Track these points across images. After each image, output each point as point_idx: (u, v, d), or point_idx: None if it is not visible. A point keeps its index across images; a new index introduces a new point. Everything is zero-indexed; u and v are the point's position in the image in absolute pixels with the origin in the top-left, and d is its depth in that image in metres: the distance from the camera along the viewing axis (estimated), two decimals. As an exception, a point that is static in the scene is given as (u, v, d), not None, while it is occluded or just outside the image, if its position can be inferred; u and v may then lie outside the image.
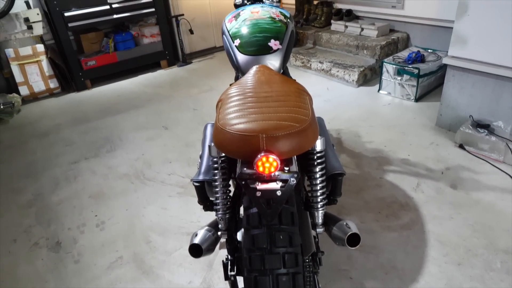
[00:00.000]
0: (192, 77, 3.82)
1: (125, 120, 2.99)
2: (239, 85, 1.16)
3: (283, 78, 1.19)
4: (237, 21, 1.55)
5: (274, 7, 1.64)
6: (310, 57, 3.55)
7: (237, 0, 1.83)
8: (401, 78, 2.84)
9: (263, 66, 1.33)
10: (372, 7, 3.55)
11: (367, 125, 2.57)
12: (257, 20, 1.51)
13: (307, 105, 1.00)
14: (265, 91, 1.07)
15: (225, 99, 1.08)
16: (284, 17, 1.59)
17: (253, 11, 1.59)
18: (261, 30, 1.47)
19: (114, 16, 3.62)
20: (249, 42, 1.44)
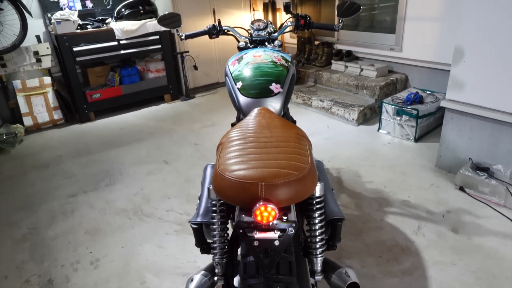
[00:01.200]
0: (194, 111, 3.88)
1: (126, 153, 3.00)
2: (240, 128, 1.18)
3: (283, 122, 1.21)
4: (240, 64, 1.60)
5: (276, 52, 1.69)
6: (311, 95, 3.62)
7: (240, 43, 1.88)
8: (400, 119, 2.87)
9: (264, 109, 1.36)
10: (371, 49, 3.66)
11: (367, 164, 2.57)
12: (259, 64, 1.56)
13: (307, 151, 1.01)
14: (265, 136, 1.08)
15: (226, 143, 1.09)
16: (286, 61, 1.63)
17: (255, 55, 1.64)
18: (263, 73, 1.51)
19: (122, 51, 3.74)
20: (251, 85, 1.48)
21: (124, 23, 3.70)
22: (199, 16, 4.19)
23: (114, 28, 3.63)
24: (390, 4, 3.48)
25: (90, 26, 3.64)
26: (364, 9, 3.84)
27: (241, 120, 1.29)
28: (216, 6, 4.26)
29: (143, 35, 3.79)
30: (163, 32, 3.88)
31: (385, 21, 3.58)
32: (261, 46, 1.86)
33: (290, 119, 1.81)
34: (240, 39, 1.90)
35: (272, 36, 1.88)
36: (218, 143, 1.17)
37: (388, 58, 3.54)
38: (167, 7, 4.03)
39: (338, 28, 1.81)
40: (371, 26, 3.72)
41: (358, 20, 3.90)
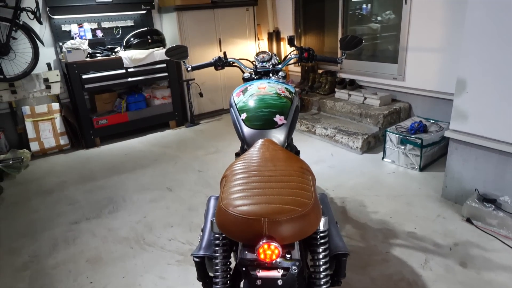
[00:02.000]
0: (199, 138, 3.91)
1: (130, 180, 3.00)
2: (244, 161, 1.18)
3: (287, 155, 1.22)
4: (245, 96, 1.62)
5: (280, 83, 1.72)
6: (315, 123, 3.64)
7: (245, 74, 1.92)
8: (404, 148, 2.87)
9: (268, 141, 1.37)
10: (374, 78, 3.71)
11: (372, 194, 2.55)
12: (264, 95, 1.58)
13: (310, 186, 1.01)
14: (269, 169, 1.09)
15: (230, 176, 1.09)
16: (289, 92, 1.66)
17: (260, 87, 1.66)
18: (267, 105, 1.53)
19: (129, 79, 3.81)
20: (255, 116, 1.50)
21: (133, 52, 3.79)
22: (206, 46, 4.29)
23: (122, 57, 3.72)
24: (392, 34, 3.55)
25: (100, 54, 3.74)
26: (366, 38, 3.92)
27: (245, 152, 1.30)
28: (222, 36, 4.37)
29: (150, 63, 3.88)
30: (170, 61, 3.97)
31: (388, 51, 3.64)
32: (266, 77, 1.89)
33: (294, 149, 1.82)
34: (245, 70, 1.94)
35: (276, 68, 1.92)
36: (222, 176, 1.17)
37: (391, 87, 3.57)
38: (175, 36, 4.14)
39: (341, 61, 1.84)
40: (373, 56, 3.78)
41: (361, 50, 3.97)
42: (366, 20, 3.89)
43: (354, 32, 4.01)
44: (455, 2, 2.88)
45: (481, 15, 1.97)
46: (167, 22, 4.26)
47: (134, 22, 4.22)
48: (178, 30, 4.05)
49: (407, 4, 3.21)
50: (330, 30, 4.26)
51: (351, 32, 4.02)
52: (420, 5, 3.13)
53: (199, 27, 4.18)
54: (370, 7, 3.84)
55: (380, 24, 3.74)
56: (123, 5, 3.96)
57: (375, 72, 3.69)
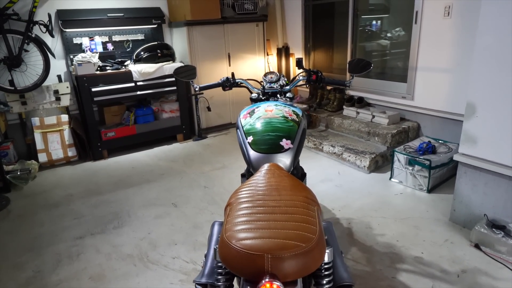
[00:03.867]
0: (206, 152, 3.93)
1: (136, 194, 3.02)
2: (249, 188, 1.19)
3: (292, 182, 1.22)
4: (252, 118, 1.64)
5: (288, 106, 1.73)
6: (322, 140, 3.64)
7: (253, 94, 1.94)
8: (412, 168, 2.85)
9: (274, 165, 1.37)
10: (383, 96, 3.71)
11: (378, 215, 2.53)
12: (271, 119, 1.60)
13: (315, 219, 1.01)
14: (274, 199, 1.09)
15: (234, 205, 1.10)
16: (297, 116, 1.67)
17: (267, 109, 1.68)
18: (274, 129, 1.54)
19: (138, 92, 3.87)
20: (262, 140, 1.51)
21: (142, 65, 3.85)
22: (215, 60, 4.35)
23: (132, 70, 3.78)
24: (402, 53, 3.57)
25: (110, 67, 3.81)
26: (375, 55, 3.94)
27: (251, 177, 1.31)
28: (231, 51, 4.43)
29: (159, 77, 3.93)
30: (178, 75, 4.02)
31: (397, 69, 3.65)
32: (273, 98, 1.91)
33: (300, 171, 1.82)
34: (253, 91, 1.96)
35: (284, 89, 1.93)
36: (226, 203, 1.18)
37: (399, 106, 3.57)
38: (184, 51, 4.21)
39: (349, 84, 1.86)
40: (383, 74, 3.79)
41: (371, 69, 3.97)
42: (375, 37, 3.91)
43: (363, 49, 4.04)
44: (464, 24, 2.89)
45: (490, 40, 1.98)
46: (177, 36, 4.33)
47: (144, 36, 4.30)
48: (187, 45, 4.11)
49: (417, 24, 3.23)
50: (339, 46, 4.29)
51: (360, 48, 4.05)
52: (430, 26, 3.15)
53: (208, 42, 4.25)
54: (380, 23, 3.87)
55: (389, 42, 3.76)
56: (134, 19, 4.04)
57: (384, 90, 3.70)
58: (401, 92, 3.53)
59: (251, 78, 2.41)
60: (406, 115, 3.58)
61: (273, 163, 1.40)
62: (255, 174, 1.34)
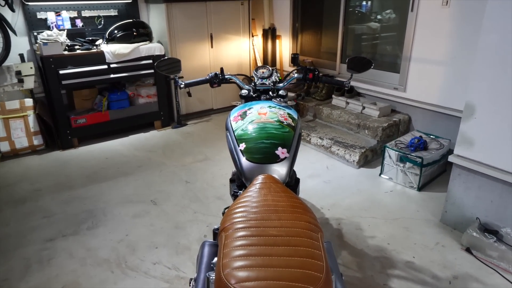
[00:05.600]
0: (186, 141, 3.83)
1: (111, 189, 2.92)
2: (244, 208, 1.13)
3: (291, 201, 1.17)
4: (244, 122, 1.56)
5: (282, 108, 1.66)
6: (310, 131, 3.60)
7: (243, 91, 1.86)
8: (403, 165, 2.87)
9: (269, 178, 1.32)
10: (374, 86, 3.69)
11: (369, 215, 2.54)
12: (265, 123, 1.53)
13: (321, 251, 0.97)
14: (274, 226, 1.04)
15: (230, 232, 1.04)
16: (292, 119, 1.61)
17: (260, 112, 1.61)
18: (269, 135, 1.48)
19: (112, 75, 3.68)
20: (256, 148, 1.45)
21: (116, 45, 3.66)
22: (196, 41, 4.19)
23: (105, 51, 3.58)
24: (395, 43, 3.53)
25: (79, 47, 3.59)
26: (368, 41, 3.89)
27: (244, 192, 1.25)
28: (213, 31, 4.27)
29: (135, 59, 3.75)
30: (157, 56, 3.85)
31: (390, 59, 3.62)
32: (265, 95, 1.84)
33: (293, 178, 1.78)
34: (243, 87, 1.88)
35: (277, 86, 1.86)
36: (220, 227, 1.12)
37: (391, 97, 3.56)
38: (163, 30, 4.02)
39: (348, 84, 1.80)
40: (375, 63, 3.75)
41: (362, 54, 3.93)
42: (367, 19, 3.85)
43: (354, 32, 3.98)
44: (463, 15, 2.86)
45: (496, 39, 1.95)
46: (154, 14, 4.12)
47: (118, 12, 4.06)
48: (166, 24, 3.93)
49: (413, 12, 3.18)
50: (329, 29, 4.21)
51: (351, 31, 3.99)
52: (427, 14, 3.10)
53: (189, 21, 4.07)
54: (373, 8, 3.80)
55: (382, 26, 3.71)
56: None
57: (375, 80, 3.67)
58: (393, 83, 3.51)
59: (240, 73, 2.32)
60: (398, 107, 3.57)
61: (268, 175, 1.35)
62: (248, 187, 1.29)
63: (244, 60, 4.65)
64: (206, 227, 2.43)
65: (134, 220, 2.53)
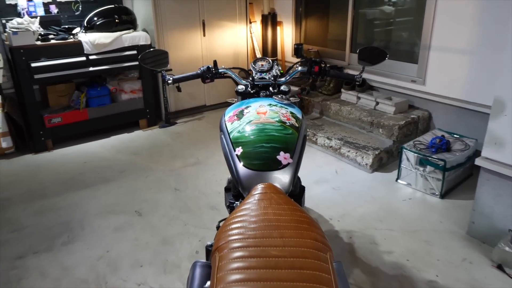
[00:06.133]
0: (175, 143, 3.80)
1: (90, 198, 2.89)
2: (242, 223, 1.10)
3: (296, 215, 1.14)
4: (240, 123, 1.53)
5: (284, 106, 1.63)
6: (317, 130, 3.58)
7: (239, 86, 1.84)
8: (423, 169, 2.83)
9: (270, 187, 1.29)
10: (389, 79, 3.66)
11: (384, 227, 2.51)
12: (264, 125, 1.50)
13: (330, 274, 0.93)
14: (276, 245, 1.01)
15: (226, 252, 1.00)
16: (296, 119, 1.57)
17: (259, 111, 1.58)
18: (269, 139, 1.45)
19: (91, 68, 3.67)
20: (254, 153, 1.42)
21: (96, 34, 3.64)
22: (186, 29, 4.18)
23: (83, 41, 3.56)
24: (413, 29, 3.50)
25: (54, 36, 3.56)
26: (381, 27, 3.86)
27: (242, 204, 1.22)
28: (206, 18, 4.25)
29: (117, 49, 3.74)
30: (142, 46, 3.83)
31: (407, 48, 3.59)
32: (264, 92, 1.81)
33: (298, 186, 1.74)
34: (240, 82, 1.86)
35: (278, 81, 1.84)
36: (213, 245, 1.08)
37: (408, 91, 3.54)
38: (148, 17, 3.99)
39: (360, 79, 1.77)
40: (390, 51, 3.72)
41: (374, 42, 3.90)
42: (380, 2, 3.83)
43: (365, 17, 3.96)
44: (491, -3, 2.82)
45: (528, 25, 1.91)
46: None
47: (97, -4, 4.04)
48: (152, 10, 3.92)
49: (433, -6, 3.15)
50: (337, 13, 4.19)
51: (362, 16, 3.96)
52: (449, -4, 3.07)
53: (179, 6, 4.06)
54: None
55: (397, 10, 3.68)
56: (84, -25, 3.79)
57: (390, 72, 3.65)
58: (410, 74, 3.49)
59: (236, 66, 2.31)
60: (416, 102, 3.55)
61: (269, 184, 1.32)
62: (246, 198, 1.26)
63: (241, 50, 4.64)
64: (199, 242, 2.39)
65: (116, 233, 2.50)
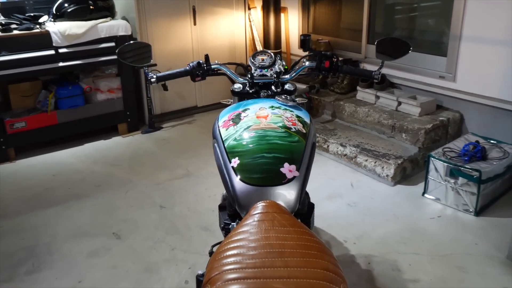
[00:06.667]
0: (161, 151, 3.83)
1: (60, 218, 2.90)
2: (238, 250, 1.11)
3: (303, 240, 1.14)
4: (237, 129, 1.55)
5: (289, 109, 1.64)
6: (328, 136, 3.59)
7: (235, 85, 1.86)
8: (455, 181, 2.84)
9: (272, 206, 1.30)
10: (413, 74, 3.68)
11: (409, 251, 2.51)
12: (266, 131, 1.52)
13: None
14: (280, 276, 1.01)
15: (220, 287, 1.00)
16: (303, 124, 1.59)
17: (259, 115, 1.59)
18: (271, 148, 1.46)
19: (60, 64, 3.71)
20: (253, 165, 1.43)
21: (67, 24, 3.68)
22: (173, 17, 4.23)
23: (51, 31, 3.60)
24: (441, 15, 3.52)
25: (17, 26, 3.60)
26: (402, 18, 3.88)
27: (239, 225, 1.23)
28: (197, 3, 4.33)
29: (92, 41, 3.79)
30: (121, 38, 3.87)
31: (433, 37, 3.61)
32: (265, 91, 1.84)
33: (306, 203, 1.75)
34: (237, 80, 1.90)
35: (282, 79, 1.86)
36: (204, 278, 1.08)
37: (436, 88, 3.56)
38: (128, 3, 4.05)
39: (379, 76, 1.78)
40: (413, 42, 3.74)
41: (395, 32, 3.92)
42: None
43: (384, 1, 3.99)
44: (533, -23, 2.84)
45: None
46: (117, -20, 4.15)
47: (69, -21, 4.08)
48: (133, -6, 3.97)
49: (464, -26, 3.17)
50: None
51: (381, 0, 3.99)
52: (482, -23, 3.10)
53: (164, -10, 4.12)
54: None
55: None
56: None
57: (414, 66, 3.67)
58: (438, 69, 3.51)
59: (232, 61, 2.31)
60: (445, 101, 3.57)
61: (271, 202, 1.32)
62: (244, 219, 1.26)
63: (238, 42, 4.68)
64: (188, 270, 2.40)
65: (90, 260, 2.51)
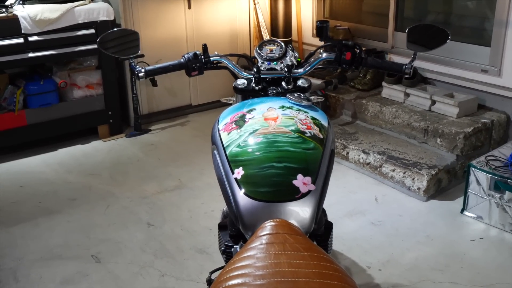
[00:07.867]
0: (148, 158, 3.85)
1: (28, 237, 2.92)
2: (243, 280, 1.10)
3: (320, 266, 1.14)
4: (241, 133, 1.55)
5: (303, 110, 1.64)
6: (348, 141, 3.60)
7: (239, 81, 1.87)
8: (500, 196, 2.84)
9: (283, 225, 1.30)
10: (450, 68, 3.69)
11: (446, 280, 2.51)
12: (275, 136, 1.51)
13: None
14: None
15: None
16: (320, 128, 1.58)
17: (267, 116, 1.59)
18: (282, 156, 1.46)
19: (30, 54, 3.74)
20: (260, 177, 1.43)
21: (38, 7, 3.73)
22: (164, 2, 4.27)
23: (19, 16, 3.64)
24: None
25: (-20, 10, 3.63)
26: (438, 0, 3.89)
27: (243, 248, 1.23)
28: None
29: (68, 27, 3.82)
30: (102, 23, 3.91)
31: (474, 24, 3.62)
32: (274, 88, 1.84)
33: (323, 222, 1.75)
34: (240, 75, 1.90)
35: (294, 74, 1.86)
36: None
37: (477, 85, 3.57)
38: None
39: (410, 70, 1.79)
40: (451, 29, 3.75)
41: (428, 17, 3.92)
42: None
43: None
44: None
45: None
46: (98, -44, 4.18)
47: (40, -46, 4.12)
48: (117, -27, 4.02)
49: (511, -51, 3.18)
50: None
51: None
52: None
53: (153, -33, 4.17)
54: None
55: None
56: None
57: (452, 58, 3.67)
58: (480, 62, 3.51)
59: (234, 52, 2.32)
60: (488, 100, 3.58)
61: (281, 221, 1.32)
62: (250, 241, 1.26)
63: (241, 29, 4.72)
64: (181, 301, 2.40)
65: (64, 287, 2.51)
